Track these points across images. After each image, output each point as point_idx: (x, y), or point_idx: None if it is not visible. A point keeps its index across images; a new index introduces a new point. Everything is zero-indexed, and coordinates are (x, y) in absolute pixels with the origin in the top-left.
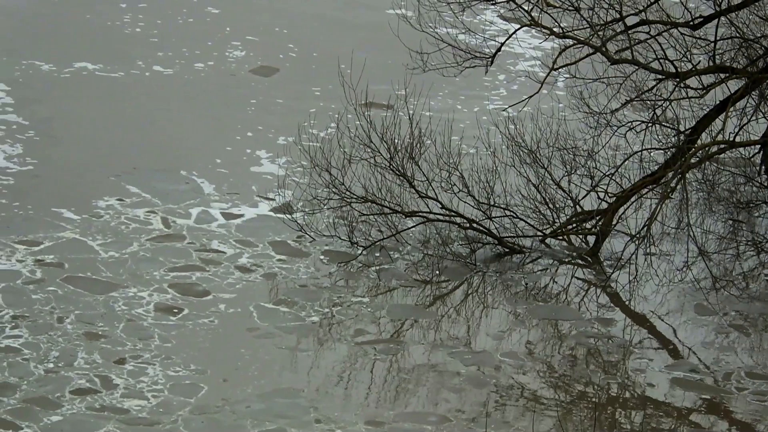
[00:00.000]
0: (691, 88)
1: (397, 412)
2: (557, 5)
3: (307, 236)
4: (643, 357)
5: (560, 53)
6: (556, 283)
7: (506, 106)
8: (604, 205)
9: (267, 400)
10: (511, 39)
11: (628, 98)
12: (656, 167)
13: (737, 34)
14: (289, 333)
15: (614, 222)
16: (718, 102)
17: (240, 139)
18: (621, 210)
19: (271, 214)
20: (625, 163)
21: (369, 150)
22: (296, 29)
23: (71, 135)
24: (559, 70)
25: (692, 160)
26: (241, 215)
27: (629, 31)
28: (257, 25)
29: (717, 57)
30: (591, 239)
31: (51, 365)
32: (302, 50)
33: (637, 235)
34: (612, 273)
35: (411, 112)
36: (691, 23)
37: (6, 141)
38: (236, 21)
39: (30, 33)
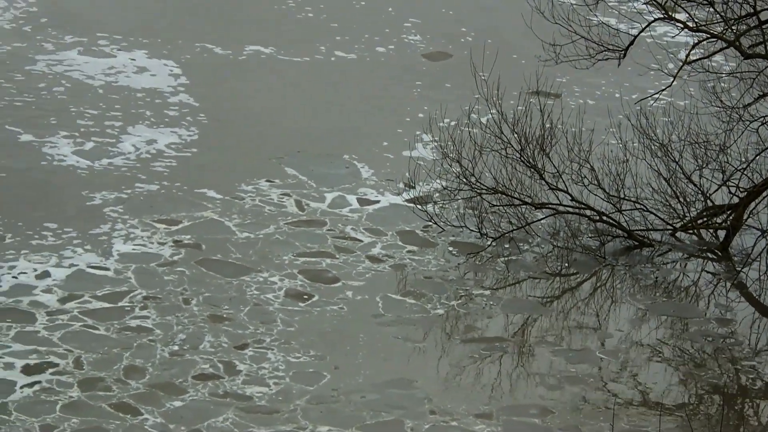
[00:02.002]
0: None
1: (509, 405)
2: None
3: (435, 227)
4: None
5: (693, 47)
6: (687, 276)
7: (638, 99)
8: (735, 200)
9: (382, 390)
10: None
11: (761, 93)
12: None
13: None
14: (412, 325)
15: (745, 217)
16: None
17: (405, 125)
18: (752, 205)
19: (401, 202)
20: (757, 157)
21: (500, 141)
22: (474, 16)
23: (240, 118)
24: (692, 64)
25: None
26: (377, 202)
27: (763, 26)
28: (434, 10)
29: None
30: (721, 234)
31: (176, 348)
32: (478, 36)
33: None
34: (742, 268)
35: (544, 104)
36: None
37: (177, 122)
38: (412, 6)
39: (203, 16)
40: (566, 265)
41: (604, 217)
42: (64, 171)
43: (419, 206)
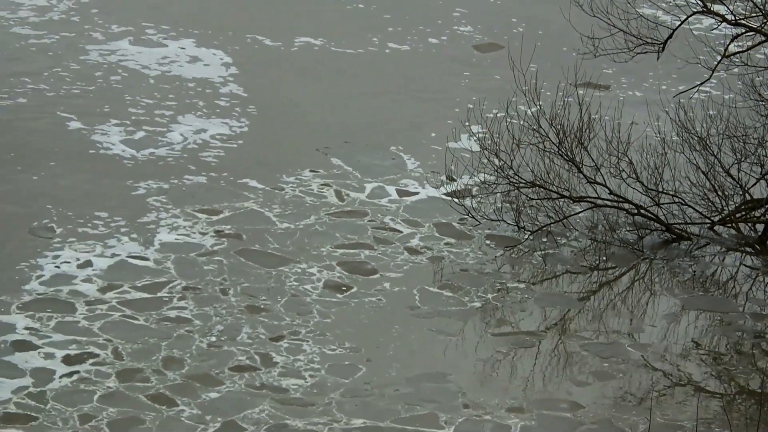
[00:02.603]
0: None
1: (540, 399)
2: None
3: (472, 219)
4: None
5: (731, 41)
6: (726, 270)
7: (676, 93)
8: None
9: (415, 383)
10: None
11: None
12: None
13: None
14: (447, 317)
15: None
16: None
17: (454, 117)
18: None
19: (438, 195)
20: None
21: (538, 135)
22: (524, 6)
23: (289, 109)
24: (731, 57)
25: None
26: (416, 193)
27: None
28: (483, 1)
29: None
30: (760, 227)
31: (214, 339)
32: (529, 28)
33: None
34: None
35: (582, 97)
36: None
37: (226, 113)
38: None
39: (253, 7)
40: (604, 258)
41: (642, 211)
42: (110, 159)
43: (456, 200)
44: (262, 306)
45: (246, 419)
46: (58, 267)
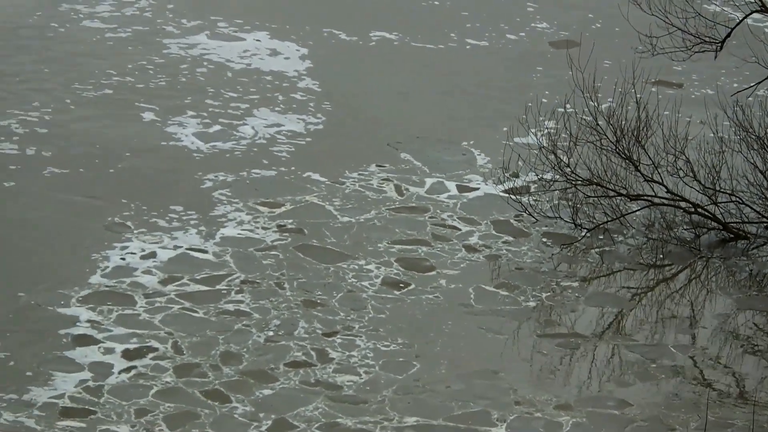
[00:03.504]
0: None
1: (588, 397)
2: None
3: (528, 217)
4: None
5: None
6: None
7: (734, 92)
8: None
9: (467, 380)
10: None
11: None
12: None
13: None
14: (501, 317)
15: None
16: None
17: (527, 113)
18: None
19: (495, 191)
20: None
21: (595, 133)
22: (604, 4)
23: (363, 104)
24: None
25: None
26: (476, 189)
27: None
28: None
29: None
30: None
31: (271, 334)
32: (606, 24)
33: None
34: None
35: (640, 95)
36: None
37: (300, 107)
38: None
39: (330, 2)
40: (660, 256)
41: (699, 209)
42: (181, 152)
43: (513, 196)
44: (318, 301)
45: (298, 417)
46: (123, 259)
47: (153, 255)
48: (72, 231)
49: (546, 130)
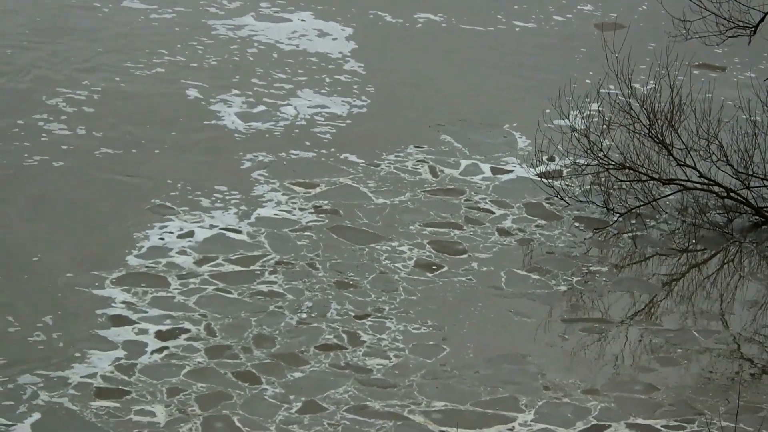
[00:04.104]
0: None
1: (615, 382)
2: None
3: (561, 200)
4: None
5: None
6: None
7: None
8: None
9: (495, 365)
10: None
11: None
12: None
13: None
14: (532, 300)
15: None
16: None
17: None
18: None
19: (527, 174)
20: None
21: (629, 117)
22: None
23: (407, 86)
24: None
25: None
26: (510, 171)
27: None
28: None
29: None
30: None
31: (304, 316)
32: (651, 7)
33: None
34: None
35: (674, 80)
36: None
37: (343, 89)
38: None
39: None
40: (693, 241)
41: (732, 194)
42: (224, 131)
43: (545, 180)
44: (350, 282)
45: (327, 399)
46: (162, 239)
47: (190, 235)
48: (115, 211)
49: (587, 113)
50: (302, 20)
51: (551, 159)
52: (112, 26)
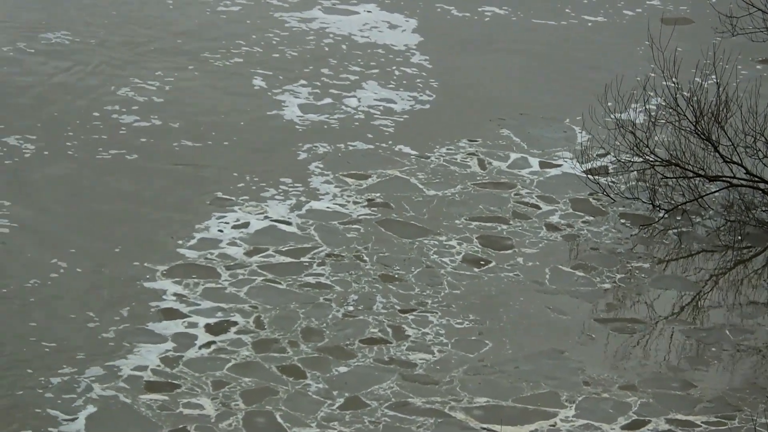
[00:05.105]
0: None
1: (652, 378)
2: None
3: (606, 197)
4: None
5: None
6: None
7: None
8: None
9: (535, 360)
10: None
11: None
12: None
13: None
14: (575, 297)
15: None
16: None
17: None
18: None
19: (569, 170)
20: None
21: (675, 113)
22: None
23: (470, 79)
24: None
25: None
26: (558, 166)
27: None
28: None
29: None
30: None
31: (351, 309)
32: (721, 2)
33: None
34: None
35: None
36: None
37: (409, 83)
38: None
39: None
40: (739, 238)
41: None
42: (288, 123)
43: (590, 176)
44: (395, 276)
45: (370, 395)
46: (221, 231)
47: (245, 226)
48: (177, 203)
49: (644, 108)
50: (368, 11)
51: (604, 154)
52: (182, 19)
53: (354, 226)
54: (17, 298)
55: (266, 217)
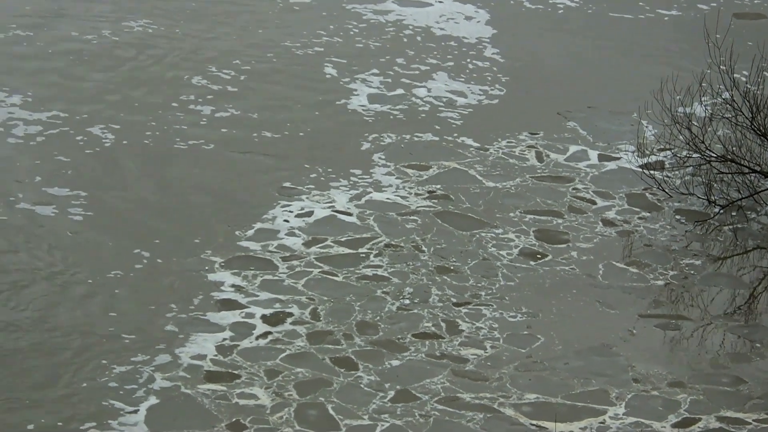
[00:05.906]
0: None
1: (701, 375)
2: None
3: (660, 191)
4: None
5: None
6: None
7: None
8: None
9: (584, 357)
10: None
11: None
12: None
13: None
14: (628, 294)
15: None
16: None
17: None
18: None
19: (626, 165)
20: None
21: (731, 109)
22: None
23: (541, 72)
24: None
25: None
26: (616, 159)
27: None
28: None
29: None
30: None
31: (407, 302)
32: None
33: None
34: None
35: None
36: None
37: (479, 75)
38: None
39: None
40: None
41: None
42: (350, 112)
43: (646, 171)
44: (451, 268)
45: (421, 389)
46: (287, 221)
47: (301, 217)
48: (243, 193)
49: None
50: (440, 1)
51: (665, 149)
52: (253, 16)
53: (412, 218)
54: (81, 285)
55: (326, 208)
